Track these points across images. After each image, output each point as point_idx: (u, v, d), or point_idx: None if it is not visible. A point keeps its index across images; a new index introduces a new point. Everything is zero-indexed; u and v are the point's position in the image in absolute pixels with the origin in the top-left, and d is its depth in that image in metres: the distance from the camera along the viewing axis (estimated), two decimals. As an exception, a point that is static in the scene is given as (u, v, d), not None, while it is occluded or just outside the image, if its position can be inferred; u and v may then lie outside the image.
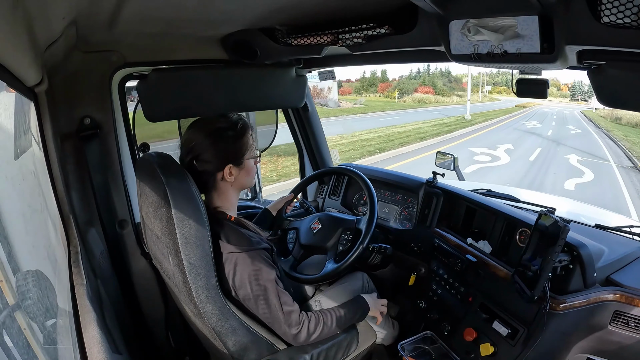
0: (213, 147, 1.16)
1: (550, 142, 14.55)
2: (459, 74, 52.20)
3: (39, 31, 0.81)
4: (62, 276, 1.01)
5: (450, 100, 40.54)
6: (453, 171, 2.30)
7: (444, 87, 47.08)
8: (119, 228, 1.54)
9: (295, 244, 1.59)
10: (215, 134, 1.17)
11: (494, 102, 42.46)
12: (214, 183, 1.20)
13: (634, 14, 0.68)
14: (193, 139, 1.18)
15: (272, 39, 1.42)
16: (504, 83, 54.29)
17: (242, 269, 1.13)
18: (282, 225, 1.65)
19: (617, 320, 1.22)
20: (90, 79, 1.40)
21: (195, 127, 1.20)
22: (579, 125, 23.42)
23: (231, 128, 1.19)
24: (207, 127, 1.18)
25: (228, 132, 1.18)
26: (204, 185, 1.19)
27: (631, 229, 1.50)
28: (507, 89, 51.82)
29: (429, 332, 1.50)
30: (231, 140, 1.18)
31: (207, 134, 1.17)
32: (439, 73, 51.63)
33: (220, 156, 1.17)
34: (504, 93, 52.15)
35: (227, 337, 1.14)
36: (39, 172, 1.13)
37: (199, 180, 1.16)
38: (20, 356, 0.60)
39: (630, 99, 0.92)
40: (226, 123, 1.19)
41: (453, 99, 41.36)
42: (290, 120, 2.10)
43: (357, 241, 1.43)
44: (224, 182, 1.20)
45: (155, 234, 1.14)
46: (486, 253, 1.47)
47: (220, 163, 1.18)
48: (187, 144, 1.18)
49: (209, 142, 1.16)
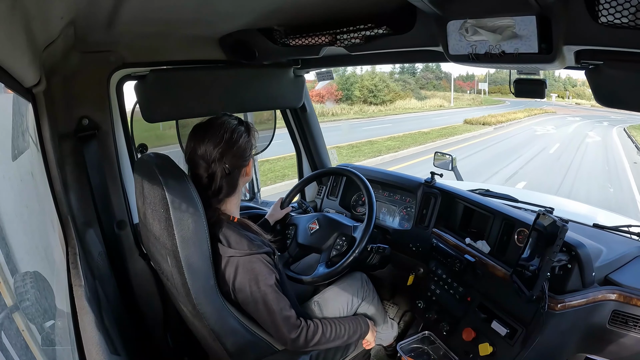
0: (233, 150, 1.16)
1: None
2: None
3: (37, 31, 0.81)
4: (61, 277, 1.00)
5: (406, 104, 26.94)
6: (451, 171, 2.30)
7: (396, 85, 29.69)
8: (117, 229, 1.53)
9: (293, 241, 1.60)
10: (233, 136, 1.16)
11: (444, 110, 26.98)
12: (237, 185, 1.20)
13: (631, 14, 0.69)
14: (210, 148, 1.14)
15: (270, 39, 1.42)
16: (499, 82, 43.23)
17: (242, 272, 1.12)
18: (282, 220, 1.67)
19: (616, 319, 1.23)
20: (88, 80, 1.40)
21: (207, 136, 1.15)
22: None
23: (241, 128, 1.19)
24: (221, 132, 1.16)
25: (241, 132, 1.19)
26: (231, 188, 1.19)
27: (629, 228, 1.50)
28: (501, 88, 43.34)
29: (427, 332, 1.51)
30: (245, 140, 1.19)
31: (227, 139, 1.15)
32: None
33: (242, 157, 1.18)
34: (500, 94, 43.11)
35: (225, 337, 1.14)
36: (37, 173, 1.12)
37: (222, 187, 1.16)
38: (19, 357, 0.60)
39: (628, 98, 0.92)
40: (234, 124, 1.19)
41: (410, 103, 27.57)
42: (289, 120, 2.10)
43: (350, 249, 1.43)
44: (241, 183, 1.22)
45: (154, 235, 1.14)
46: (484, 253, 1.48)
47: (242, 164, 1.19)
48: (205, 157, 1.15)
49: (228, 146, 1.15)
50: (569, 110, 33.00)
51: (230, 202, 1.21)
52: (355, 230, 1.49)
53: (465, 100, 35.13)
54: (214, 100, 1.64)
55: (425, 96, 32.23)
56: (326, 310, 1.42)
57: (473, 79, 42.11)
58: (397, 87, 29.28)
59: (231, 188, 1.18)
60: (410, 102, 28.15)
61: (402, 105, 26.77)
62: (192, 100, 1.59)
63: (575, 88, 44.56)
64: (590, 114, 28.76)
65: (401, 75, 35.40)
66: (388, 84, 27.93)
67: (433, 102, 30.30)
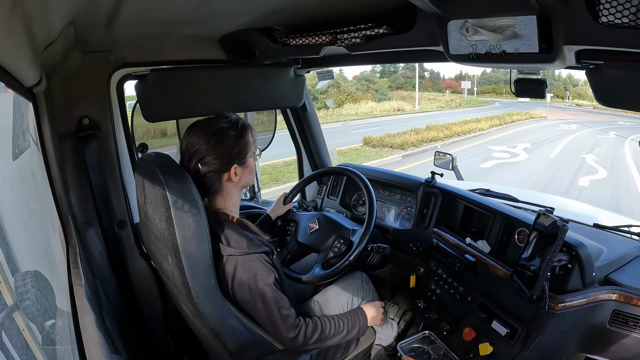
0: (217, 148, 1.16)
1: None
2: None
3: (37, 31, 0.81)
4: (61, 277, 1.00)
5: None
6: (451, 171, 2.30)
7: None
8: (117, 228, 1.54)
9: (292, 238, 1.60)
10: (218, 135, 1.17)
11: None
12: (220, 185, 1.19)
13: (632, 13, 0.69)
14: (195, 142, 1.16)
15: (271, 39, 1.42)
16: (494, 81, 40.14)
17: (241, 272, 1.13)
18: (284, 215, 1.67)
19: (616, 319, 1.23)
20: (88, 79, 1.40)
21: (196, 131, 1.18)
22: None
23: (232, 127, 1.19)
24: (208, 129, 1.17)
25: (230, 131, 1.18)
26: (209, 188, 1.18)
27: (629, 228, 1.50)
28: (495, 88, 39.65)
29: (427, 331, 1.51)
30: (234, 140, 1.18)
31: (210, 136, 1.16)
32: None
33: (225, 157, 1.17)
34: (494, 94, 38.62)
35: (226, 337, 1.14)
36: (37, 173, 1.12)
37: (204, 184, 1.16)
38: (19, 357, 0.60)
39: (629, 98, 0.92)
40: (227, 123, 1.19)
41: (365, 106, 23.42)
42: (289, 120, 2.11)
43: (346, 253, 1.43)
44: (229, 183, 1.20)
45: (155, 235, 1.14)
46: (485, 253, 1.48)
47: (226, 164, 1.18)
48: (189, 149, 1.17)
49: (212, 144, 1.16)
50: (566, 114, 26.90)
51: (223, 201, 1.21)
52: (354, 234, 1.49)
53: (442, 102, 29.96)
54: (215, 100, 1.64)
55: (391, 97, 27.60)
56: (327, 309, 1.43)
57: (467, 78, 40.11)
58: (351, 89, 25.56)
59: (215, 189, 1.19)
60: (367, 105, 23.90)
61: (351, 109, 22.45)
62: (193, 99, 1.59)
63: (576, 88, 40.45)
64: (592, 119, 22.90)
65: (371, 75, 30.78)
66: (340, 84, 24.32)
67: (390, 105, 25.38)
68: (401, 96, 29.27)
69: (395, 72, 35.44)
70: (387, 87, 31.90)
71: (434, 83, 41.13)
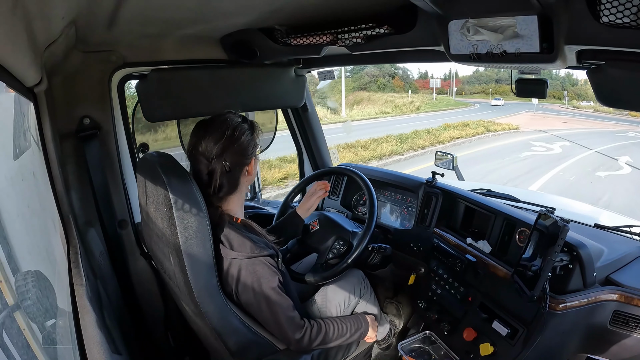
0: (238, 141, 1.15)
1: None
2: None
3: (38, 31, 0.81)
4: (62, 276, 1.00)
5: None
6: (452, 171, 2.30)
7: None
8: (118, 228, 1.54)
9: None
10: (237, 129, 1.16)
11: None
12: (238, 184, 1.19)
13: (633, 13, 0.69)
14: (217, 137, 1.14)
15: (272, 39, 1.42)
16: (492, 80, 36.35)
17: (245, 275, 1.12)
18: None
19: (617, 319, 1.22)
20: (89, 79, 1.41)
21: (211, 128, 1.15)
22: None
23: (244, 122, 1.19)
24: (224, 124, 1.15)
25: (244, 125, 1.18)
26: (232, 184, 1.17)
27: (630, 228, 1.50)
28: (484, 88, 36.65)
29: (428, 332, 1.51)
30: (250, 133, 1.18)
31: (232, 130, 1.14)
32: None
33: (243, 155, 1.17)
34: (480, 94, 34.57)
35: (227, 336, 1.14)
36: (38, 172, 1.12)
37: (228, 181, 1.16)
38: (20, 356, 0.60)
39: (630, 98, 0.92)
40: (237, 121, 1.18)
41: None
42: (290, 120, 2.11)
43: (346, 255, 1.43)
44: (244, 179, 1.21)
45: (157, 234, 1.14)
46: (486, 253, 1.47)
47: (247, 157, 1.18)
48: (206, 153, 1.14)
49: (235, 137, 1.14)
50: (556, 120, 20.44)
51: (232, 201, 1.20)
52: (354, 236, 1.48)
53: (400, 105, 24.46)
54: (215, 100, 1.64)
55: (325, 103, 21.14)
56: (325, 307, 1.42)
57: (457, 76, 37.76)
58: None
59: (232, 186, 1.18)
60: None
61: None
62: (194, 99, 1.59)
63: (575, 87, 37.14)
64: (591, 127, 17.75)
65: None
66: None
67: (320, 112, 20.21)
68: (359, 98, 25.10)
69: (360, 71, 31.70)
70: (351, 88, 28.31)
71: (406, 82, 36.19)
